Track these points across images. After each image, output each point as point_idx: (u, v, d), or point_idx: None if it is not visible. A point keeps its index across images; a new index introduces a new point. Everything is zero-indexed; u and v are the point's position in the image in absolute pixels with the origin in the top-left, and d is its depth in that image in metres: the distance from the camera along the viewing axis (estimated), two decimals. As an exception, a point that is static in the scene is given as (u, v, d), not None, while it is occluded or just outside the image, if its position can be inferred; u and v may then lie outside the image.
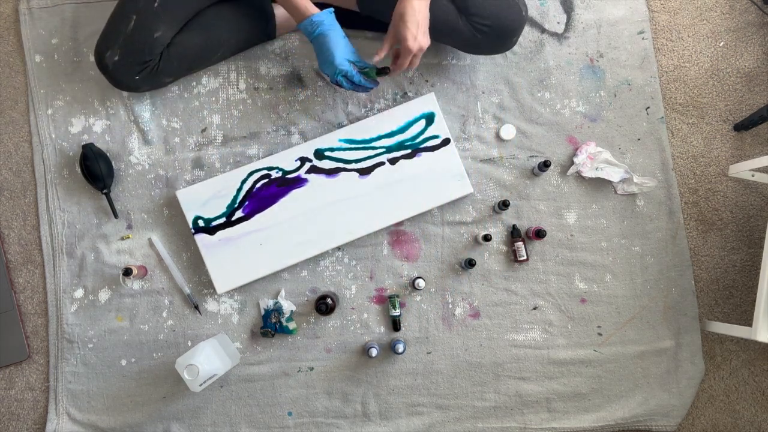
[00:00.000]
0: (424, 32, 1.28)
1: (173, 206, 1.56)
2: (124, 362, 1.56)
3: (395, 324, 1.53)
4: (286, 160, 1.52)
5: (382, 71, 1.33)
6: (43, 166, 1.58)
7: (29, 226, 1.59)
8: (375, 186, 1.51)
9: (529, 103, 1.57)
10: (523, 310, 1.55)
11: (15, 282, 1.59)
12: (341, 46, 1.30)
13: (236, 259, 1.51)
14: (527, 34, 1.58)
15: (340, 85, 1.34)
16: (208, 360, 1.38)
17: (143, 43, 1.37)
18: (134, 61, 1.39)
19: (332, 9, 1.32)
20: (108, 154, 1.55)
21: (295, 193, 1.52)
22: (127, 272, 1.48)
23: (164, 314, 1.56)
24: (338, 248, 1.55)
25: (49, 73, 1.59)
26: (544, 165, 1.47)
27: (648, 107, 1.58)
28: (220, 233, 1.51)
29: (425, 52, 1.57)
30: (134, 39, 1.36)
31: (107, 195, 1.54)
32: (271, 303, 1.54)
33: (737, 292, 1.59)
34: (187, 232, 1.55)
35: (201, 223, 1.51)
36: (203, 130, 1.58)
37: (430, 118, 1.52)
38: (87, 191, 1.58)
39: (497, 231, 1.56)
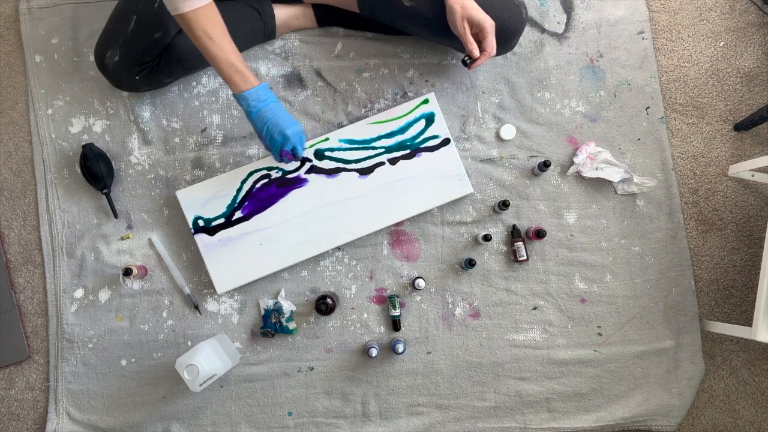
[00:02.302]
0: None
1: (173, 206, 1.56)
2: (124, 362, 1.56)
3: (395, 324, 1.53)
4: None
5: (466, 61, 1.34)
6: (43, 166, 1.58)
7: (29, 226, 1.59)
8: (375, 186, 1.51)
9: (529, 103, 1.57)
10: (523, 310, 1.55)
11: (15, 282, 1.59)
12: (289, 119, 1.30)
13: (236, 259, 1.51)
14: (527, 34, 1.58)
15: (282, 158, 1.33)
16: (208, 360, 1.38)
17: (143, 43, 1.37)
18: (134, 61, 1.39)
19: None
20: (108, 154, 1.55)
21: (295, 193, 1.52)
22: (127, 272, 1.48)
23: (164, 314, 1.56)
24: (338, 248, 1.55)
25: (49, 73, 1.59)
26: (544, 165, 1.47)
27: (648, 107, 1.58)
28: (220, 233, 1.51)
29: (425, 51, 1.58)
30: (134, 39, 1.36)
31: (107, 195, 1.54)
32: (271, 303, 1.54)
33: (737, 292, 1.59)
34: (187, 232, 1.55)
35: (201, 223, 1.51)
36: (203, 130, 1.58)
37: (430, 119, 1.52)
38: (87, 191, 1.58)
39: (497, 231, 1.56)
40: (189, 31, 1.21)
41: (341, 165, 1.52)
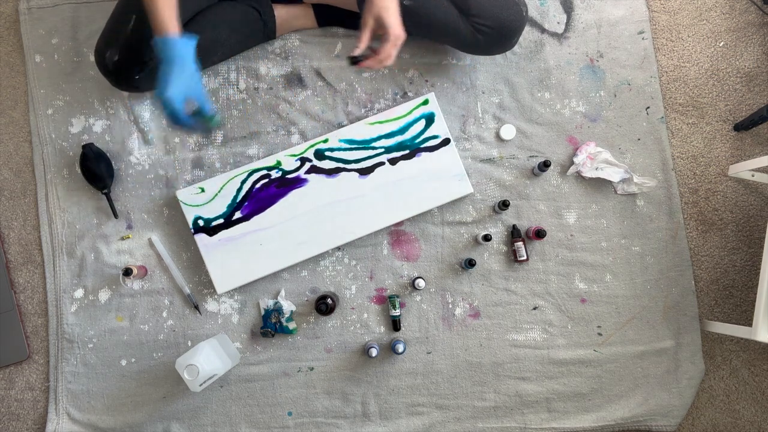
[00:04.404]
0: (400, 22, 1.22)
1: (173, 206, 1.56)
2: (124, 362, 1.56)
3: (395, 324, 1.53)
4: (286, 159, 1.52)
5: (355, 60, 1.23)
6: (43, 166, 1.58)
7: (29, 226, 1.59)
8: (375, 186, 1.51)
9: (529, 103, 1.57)
10: (523, 310, 1.55)
11: (15, 282, 1.59)
12: (182, 80, 1.16)
13: (236, 259, 1.51)
14: (527, 34, 1.58)
15: (168, 122, 1.20)
16: (208, 360, 1.38)
17: (143, 43, 1.37)
18: (134, 61, 1.39)
19: (195, 40, 1.19)
20: (108, 154, 1.55)
21: (295, 193, 1.52)
22: (127, 272, 1.48)
23: (164, 314, 1.56)
24: (338, 248, 1.55)
25: (49, 73, 1.59)
26: (544, 165, 1.47)
27: (648, 107, 1.58)
28: (220, 233, 1.51)
29: (425, 51, 1.58)
30: (134, 39, 1.36)
31: (107, 195, 1.54)
32: (271, 303, 1.54)
33: (737, 292, 1.59)
34: (187, 232, 1.55)
35: (201, 223, 1.51)
36: (203, 130, 1.58)
37: (430, 119, 1.52)
38: (87, 191, 1.58)
39: (497, 231, 1.56)
40: None
41: (341, 165, 1.52)
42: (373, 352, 1.48)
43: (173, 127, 1.20)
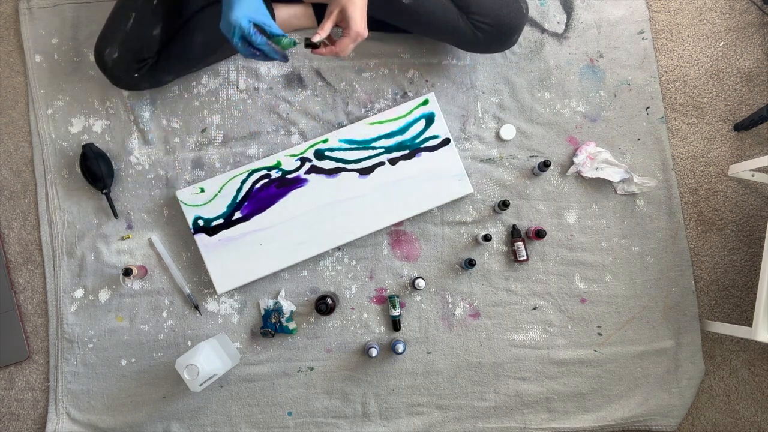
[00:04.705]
0: (366, 21, 1.21)
1: (173, 206, 1.56)
2: (124, 362, 1.56)
3: (395, 324, 1.53)
4: (286, 159, 1.52)
5: (312, 44, 1.18)
6: (43, 166, 1.58)
7: (29, 226, 1.59)
8: (375, 186, 1.51)
9: (529, 103, 1.57)
10: (523, 310, 1.55)
11: (15, 282, 1.59)
12: (246, 2, 1.12)
13: (236, 259, 1.51)
14: (527, 34, 1.58)
15: (241, 52, 1.16)
16: (208, 360, 1.38)
17: (142, 40, 1.37)
18: (133, 58, 1.39)
19: None
20: (108, 154, 1.55)
21: (295, 193, 1.52)
22: (127, 272, 1.48)
23: (164, 314, 1.56)
24: (338, 248, 1.55)
25: (49, 73, 1.59)
26: (544, 165, 1.47)
27: (648, 107, 1.58)
28: (220, 233, 1.51)
29: (425, 51, 1.58)
30: (133, 36, 1.36)
31: (107, 195, 1.54)
32: (271, 303, 1.54)
33: (737, 292, 1.59)
34: (187, 232, 1.55)
35: (201, 223, 1.51)
36: (203, 130, 1.58)
37: (430, 119, 1.52)
38: (87, 191, 1.58)
39: (497, 231, 1.56)
40: None
41: (341, 165, 1.52)
42: (373, 352, 1.48)
43: (248, 56, 1.17)
